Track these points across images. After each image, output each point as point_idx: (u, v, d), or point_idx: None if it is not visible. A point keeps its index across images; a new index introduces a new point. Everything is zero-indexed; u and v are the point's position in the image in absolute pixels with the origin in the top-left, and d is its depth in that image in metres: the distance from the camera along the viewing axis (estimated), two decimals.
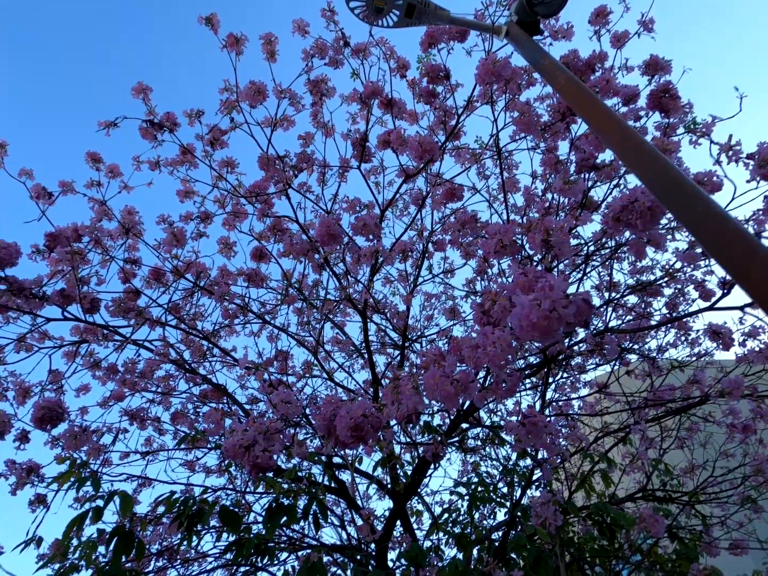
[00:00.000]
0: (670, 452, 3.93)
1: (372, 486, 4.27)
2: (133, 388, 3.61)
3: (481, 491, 3.45)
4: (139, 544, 1.96)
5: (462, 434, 3.72)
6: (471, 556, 3.00)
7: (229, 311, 3.25)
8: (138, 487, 3.48)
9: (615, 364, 3.36)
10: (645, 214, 1.42)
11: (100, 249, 3.05)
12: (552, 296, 0.91)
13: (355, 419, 1.39)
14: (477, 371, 1.43)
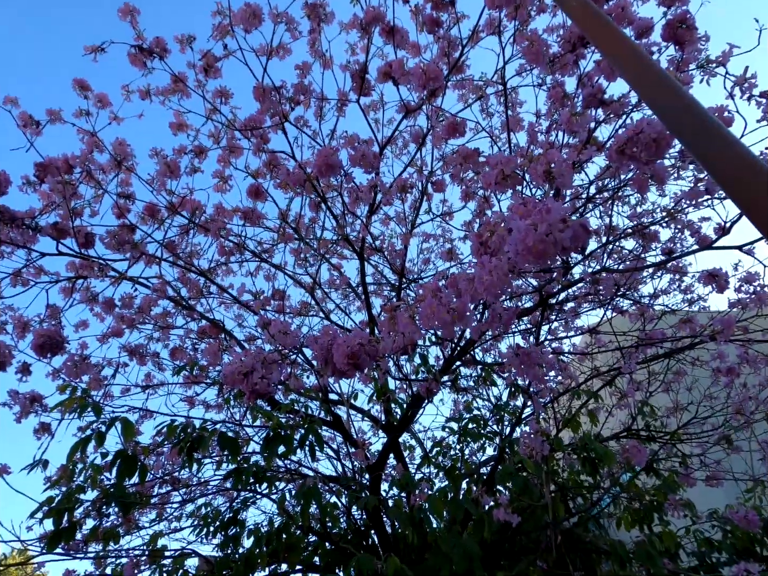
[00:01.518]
0: (656, 395, 4.05)
1: (367, 422, 4.42)
2: (131, 324, 3.64)
3: (472, 428, 3.58)
4: (141, 467, 2.04)
5: (455, 374, 3.81)
6: (460, 487, 3.15)
7: (225, 248, 3.23)
8: (139, 419, 3.59)
9: (607, 308, 3.40)
10: (650, 145, 1.38)
11: (92, 183, 2.99)
12: (549, 219, 0.90)
13: (352, 347, 1.41)
14: (474, 303, 1.44)
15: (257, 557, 2.66)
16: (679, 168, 2.08)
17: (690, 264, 3.31)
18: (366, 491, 2.84)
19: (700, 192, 1.76)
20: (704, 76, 2.23)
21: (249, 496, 3.27)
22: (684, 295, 3.69)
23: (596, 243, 2.82)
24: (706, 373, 3.86)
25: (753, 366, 3.35)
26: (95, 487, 2.28)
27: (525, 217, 1.10)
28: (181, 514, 3.76)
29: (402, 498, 3.05)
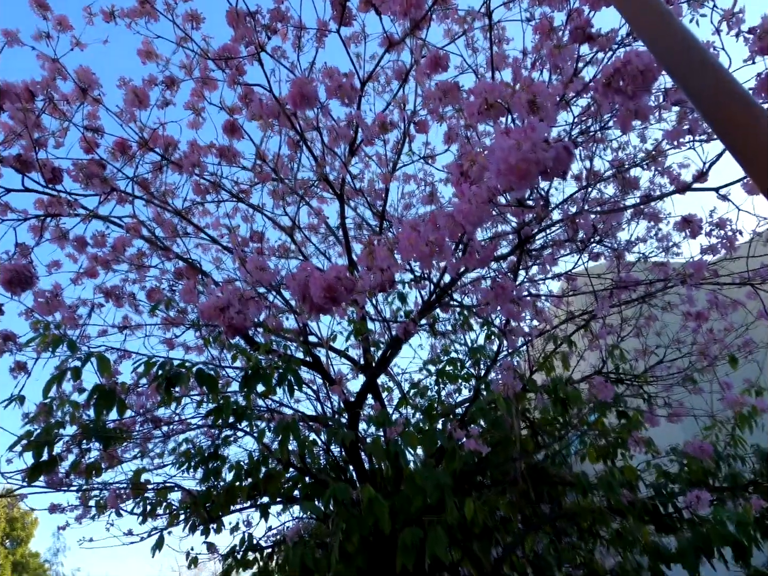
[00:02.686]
0: (627, 340, 4.20)
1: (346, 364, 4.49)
2: (105, 265, 3.57)
3: (449, 370, 3.67)
4: (119, 402, 2.06)
5: (433, 318, 3.86)
6: (435, 426, 3.26)
7: (200, 186, 3.14)
8: (117, 359, 3.58)
9: (584, 253, 3.44)
10: (637, 78, 1.35)
11: (56, 114, 2.83)
12: (533, 137, 0.89)
13: (329, 281, 1.40)
14: (452, 238, 1.44)
15: (238, 489, 2.76)
16: (662, 108, 2.05)
17: (669, 214, 3.35)
18: (344, 429, 2.92)
19: (683, 131, 1.75)
20: (693, 14, 2.17)
21: (230, 433, 3.35)
22: (659, 243, 3.75)
23: (576, 187, 2.81)
24: (676, 318, 4.00)
25: (721, 311, 3.47)
26: (74, 422, 2.29)
27: (508, 138, 1.08)
28: (163, 451, 3.84)
29: (380, 436, 3.15)
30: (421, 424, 2.83)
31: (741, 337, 3.76)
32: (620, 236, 3.97)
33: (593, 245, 3.38)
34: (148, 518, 3.49)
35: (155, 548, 3.13)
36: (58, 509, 4.03)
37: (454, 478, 2.58)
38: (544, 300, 4.21)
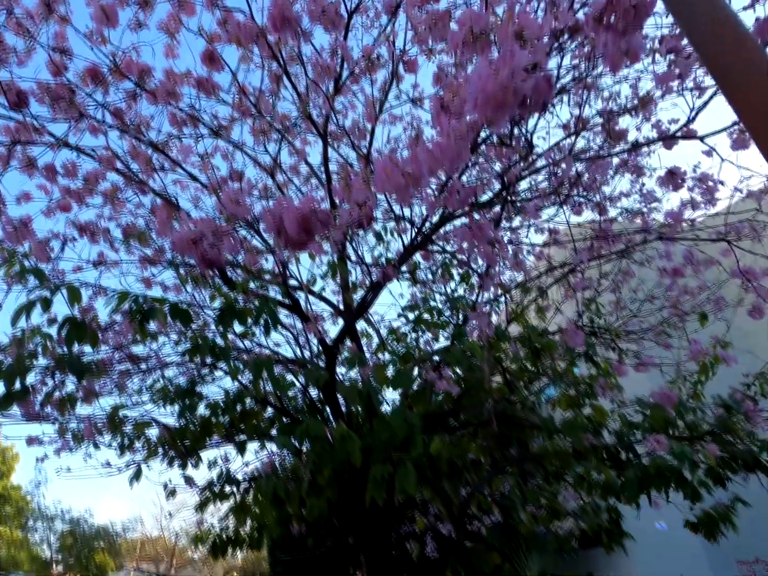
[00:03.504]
0: (603, 296, 4.27)
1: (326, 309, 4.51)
2: (79, 198, 3.45)
3: (427, 318, 3.71)
4: (92, 333, 2.04)
5: (414, 266, 3.87)
6: (411, 369, 3.33)
7: (177, 118, 3.00)
8: (92, 296, 3.53)
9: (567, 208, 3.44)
10: (629, 12, 1.30)
11: (20, 32, 2.64)
12: (512, 64, 0.85)
13: (303, 213, 1.37)
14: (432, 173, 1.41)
15: (213, 426, 2.81)
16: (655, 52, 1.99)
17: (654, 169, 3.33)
18: (321, 372, 2.96)
19: (673, 75, 1.71)
20: None
21: (207, 372, 3.37)
22: (641, 198, 3.75)
23: (564, 134, 2.75)
24: (652, 275, 4.07)
25: (696, 269, 3.54)
26: (47, 353, 2.28)
27: (488, 66, 1.03)
28: (141, 388, 3.87)
29: (356, 381, 3.21)
30: (393, 366, 2.87)
31: (713, 295, 3.86)
32: (604, 190, 3.96)
33: (576, 197, 3.37)
34: (126, 451, 3.56)
35: (133, 479, 3.20)
36: (36, 441, 4.09)
37: (426, 419, 2.66)
38: (526, 253, 4.23)
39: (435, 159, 1.25)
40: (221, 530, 4.15)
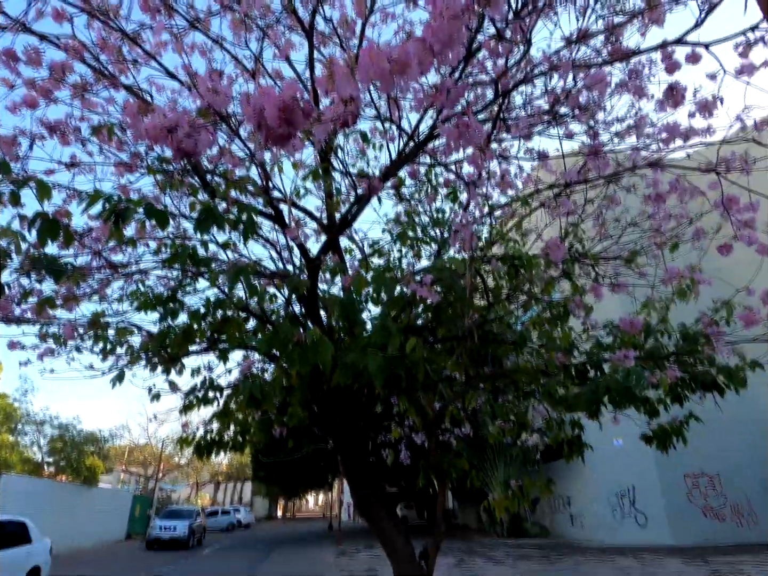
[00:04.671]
0: (586, 224, 4.28)
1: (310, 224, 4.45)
2: (46, 94, 3.23)
3: (411, 235, 3.70)
4: (65, 231, 1.98)
5: (399, 181, 3.79)
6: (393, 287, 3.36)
7: (149, 4, 2.75)
8: (66, 199, 3.41)
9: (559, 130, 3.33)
10: None
11: None
12: None
13: (285, 100, 1.30)
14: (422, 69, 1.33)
15: (195, 332, 2.84)
16: None
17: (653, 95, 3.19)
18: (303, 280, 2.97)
19: None
20: None
21: (188, 282, 3.36)
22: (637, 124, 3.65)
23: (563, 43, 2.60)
24: (637, 204, 4.07)
25: (681, 197, 3.54)
26: (19, 252, 2.22)
27: None
28: (122, 296, 3.86)
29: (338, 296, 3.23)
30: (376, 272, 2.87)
31: (694, 225, 3.88)
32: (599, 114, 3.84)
33: (570, 117, 3.26)
34: (109, 356, 3.62)
35: (115, 380, 3.28)
36: (17, 346, 4.11)
37: (405, 332, 2.72)
38: (514, 176, 4.16)
39: (425, 46, 1.18)
40: (206, 433, 4.34)
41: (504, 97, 2.26)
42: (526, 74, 2.29)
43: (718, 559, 12.27)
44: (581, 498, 19.00)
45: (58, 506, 18.43)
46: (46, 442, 24.38)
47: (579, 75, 2.44)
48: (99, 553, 18.56)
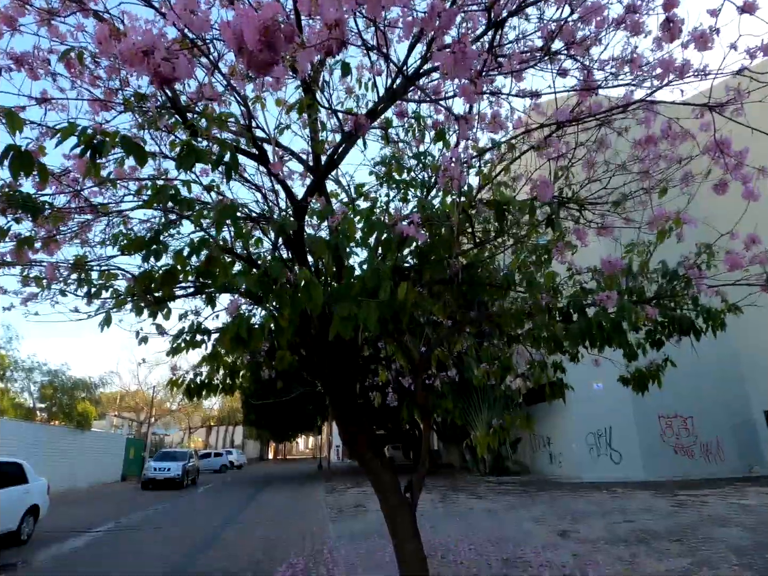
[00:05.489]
0: (576, 168, 4.23)
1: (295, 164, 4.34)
2: (9, 22, 3.02)
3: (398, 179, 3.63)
4: (40, 166, 1.91)
5: (387, 123, 3.68)
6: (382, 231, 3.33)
7: None
8: (40, 137, 3.26)
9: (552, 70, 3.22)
10: None
11: None
12: None
13: (265, 21, 1.23)
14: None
15: (179, 272, 2.81)
16: None
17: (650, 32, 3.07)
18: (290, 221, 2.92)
19: None
20: None
21: (171, 221, 3.29)
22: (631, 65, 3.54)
23: None
24: (627, 147, 4.02)
25: (672, 141, 3.49)
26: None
27: None
28: (104, 240, 3.79)
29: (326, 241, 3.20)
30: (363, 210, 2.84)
31: (682, 167, 3.86)
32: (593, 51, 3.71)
33: (564, 53, 3.15)
34: (93, 300, 3.59)
35: (103, 324, 3.27)
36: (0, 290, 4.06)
37: (393, 274, 2.72)
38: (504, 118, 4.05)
39: None
40: (195, 376, 4.40)
41: (497, 28, 2.16)
42: (520, 2, 2.19)
43: (685, 492, 13.10)
44: (560, 438, 19.91)
45: (53, 450, 18.87)
46: (36, 388, 24.60)
47: (575, 3, 2.34)
48: (96, 494, 19.22)
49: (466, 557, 6.63)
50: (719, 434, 18.55)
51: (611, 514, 10.00)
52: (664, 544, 7.03)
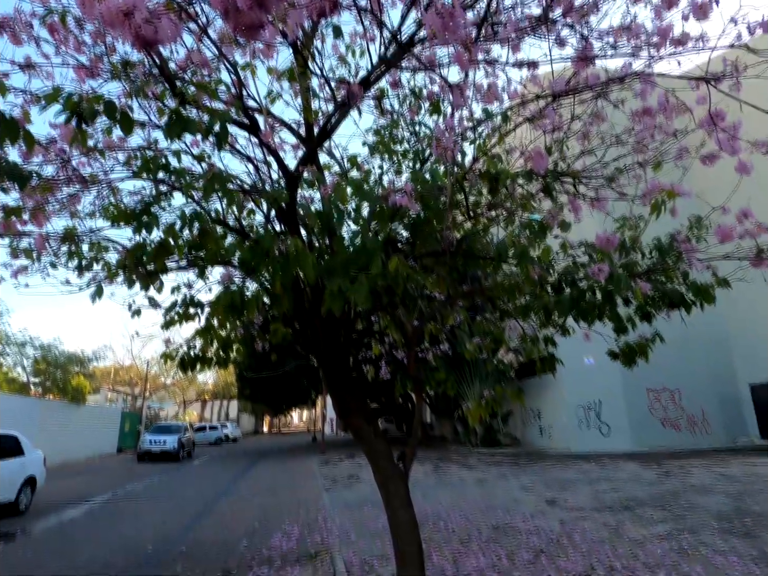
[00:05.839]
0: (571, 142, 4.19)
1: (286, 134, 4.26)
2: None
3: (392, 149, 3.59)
4: (26, 133, 1.86)
5: (381, 92, 3.61)
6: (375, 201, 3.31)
7: None
8: (24, 104, 3.17)
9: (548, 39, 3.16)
10: None
11: None
12: None
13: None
14: None
15: (171, 246, 2.79)
16: None
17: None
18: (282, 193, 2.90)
19: None
20: None
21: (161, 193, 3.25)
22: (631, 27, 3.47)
23: None
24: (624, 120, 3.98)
25: (668, 115, 3.46)
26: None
27: None
28: (94, 211, 3.73)
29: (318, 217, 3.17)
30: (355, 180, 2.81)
31: (678, 141, 3.84)
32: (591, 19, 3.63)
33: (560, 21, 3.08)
34: (85, 272, 3.56)
35: (95, 295, 3.25)
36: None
37: (385, 246, 2.72)
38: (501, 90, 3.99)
39: None
40: (189, 349, 4.41)
41: None
42: None
43: (671, 462, 13.46)
44: (551, 411, 20.30)
45: (48, 423, 19.00)
46: (29, 363, 24.59)
47: None
48: (92, 466, 19.46)
49: (457, 524, 6.81)
50: (705, 407, 18.99)
51: (598, 483, 10.28)
52: (649, 511, 7.25)
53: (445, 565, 4.87)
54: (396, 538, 3.80)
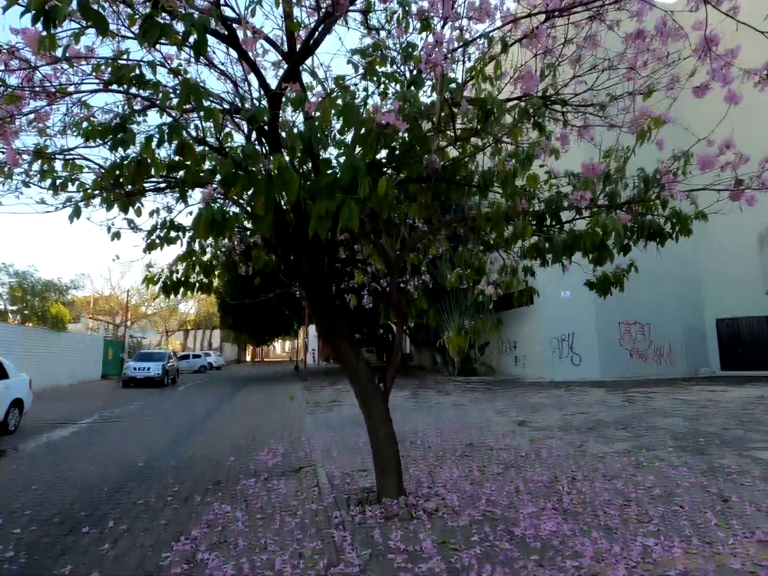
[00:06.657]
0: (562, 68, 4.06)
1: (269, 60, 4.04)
2: None
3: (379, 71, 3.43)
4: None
5: (368, 5, 3.41)
6: None
7: None
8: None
9: None
10: None
11: None
12: None
13: None
14: None
15: (150, 163, 2.70)
16: None
17: None
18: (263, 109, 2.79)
19: None
20: None
21: (136, 110, 3.10)
22: None
23: None
24: (617, 45, 3.85)
25: (664, 39, 3.37)
26: None
27: None
28: (65, 128, 3.56)
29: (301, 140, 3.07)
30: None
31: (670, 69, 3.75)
32: None
33: None
34: (59, 192, 3.46)
35: (72, 216, 3.18)
36: None
37: (370, 169, 2.68)
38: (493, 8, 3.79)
39: None
40: (171, 273, 4.41)
41: None
42: None
43: (635, 390, 14.28)
44: (526, 342, 21.06)
45: (31, 350, 19.04)
46: (5, 290, 24.18)
47: None
48: (78, 391, 19.81)
49: (433, 442, 7.25)
50: (673, 340, 19.98)
51: (567, 407, 10.92)
52: (612, 431, 7.80)
53: (421, 476, 5.23)
54: (376, 450, 4.06)
